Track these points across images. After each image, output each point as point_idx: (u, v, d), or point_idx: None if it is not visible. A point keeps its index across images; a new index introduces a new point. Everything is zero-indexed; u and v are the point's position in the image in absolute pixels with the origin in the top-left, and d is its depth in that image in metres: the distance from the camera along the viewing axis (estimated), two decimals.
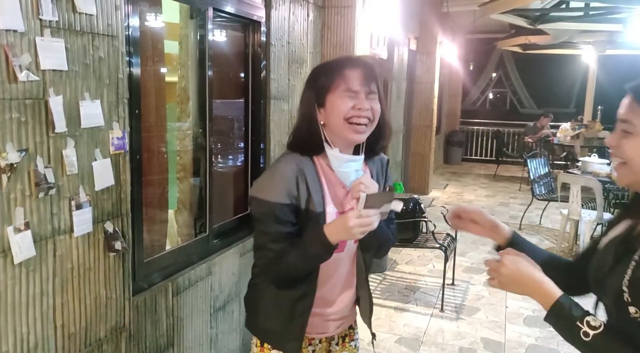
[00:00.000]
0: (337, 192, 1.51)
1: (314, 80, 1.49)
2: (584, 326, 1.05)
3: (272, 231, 1.43)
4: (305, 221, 1.44)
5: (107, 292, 1.91)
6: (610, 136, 1.15)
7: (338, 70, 1.43)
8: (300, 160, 1.47)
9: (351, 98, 1.41)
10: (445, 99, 11.63)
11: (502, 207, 7.71)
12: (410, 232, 4.00)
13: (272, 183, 1.44)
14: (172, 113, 2.70)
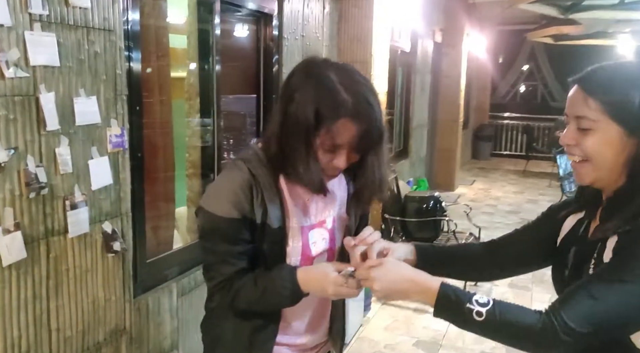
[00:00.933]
0: (303, 202, 1.28)
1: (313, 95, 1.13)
2: (475, 305, 1.00)
3: (220, 250, 1.20)
4: (262, 237, 1.21)
5: (105, 294, 1.86)
6: (565, 134, 1.06)
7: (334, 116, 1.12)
8: (257, 167, 1.22)
9: (331, 152, 1.16)
10: (473, 92, 11.35)
11: (530, 204, 7.46)
12: (430, 231, 3.87)
13: (220, 194, 1.20)
14: (180, 109, 2.64)
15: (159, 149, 2.32)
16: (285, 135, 1.17)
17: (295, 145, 1.15)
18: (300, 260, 1.26)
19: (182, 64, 2.67)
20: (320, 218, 1.30)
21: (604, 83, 1.01)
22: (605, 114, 0.99)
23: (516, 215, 6.79)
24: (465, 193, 8.01)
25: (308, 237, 1.27)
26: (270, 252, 1.23)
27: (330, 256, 1.32)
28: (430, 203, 3.92)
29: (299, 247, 1.26)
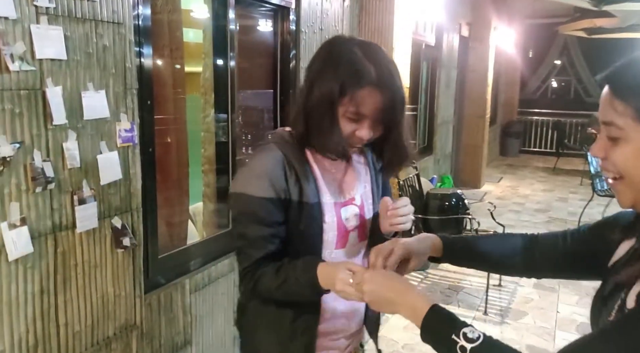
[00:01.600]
0: (332, 180, 1.30)
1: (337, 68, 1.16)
2: (460, 339, 0.90)
3: (250, 233, 1.21)
4: (299, 216, 1.22)
5: (115, 290, 1.85)
6: (594, 144, 0.89)
7: (358, 84, 1.14)
8: (286, 147, 1.24)
9: (355, 122, 1.18)
10: (501, 87, 11.10)
11: (560, 202, 7.25)
12: (452, 229, 3.77)
13: (252, 175, 1.22)
14: (196, 104, 2.62)
15: (172, 144, 2.31)
16: (311, 108, 1.20)
17: (320, 115, 1.18)
18: (337, 236, 1.28)
19: (198, 59, 2.65)
20: (349, 196, 1.33)
21: (634, 82, 0.82)
22: (637, 120, 0.80)
23: (545, 213, 6.61)
24: (491, 191, 7.84)
25: (341, 213, 1.29)
26: (307, 229, 1.23)
27: (362, 233, 1.35)
28: (452, 200, 3.83)
29: (334, 222, 1.28)
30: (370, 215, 1.37)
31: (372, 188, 1.39)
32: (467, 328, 0.92)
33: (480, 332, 0.92)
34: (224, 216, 2.64)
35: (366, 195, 1.37)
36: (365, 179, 1.38)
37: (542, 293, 4.11)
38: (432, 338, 0.96)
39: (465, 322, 0.95)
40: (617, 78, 0.85)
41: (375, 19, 3.72)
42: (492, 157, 10.46)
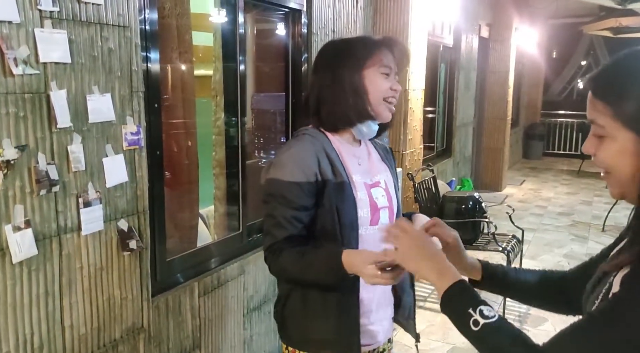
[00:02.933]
0: (359, 164, 1.45)
1: (351, 49, 1.40)
2: (476, 314, 0.93)
3: (277, 214, 1.32)
4: (335, 193, 1.33)
5: (122, 293, 1.85)
6: (586, 141, 0.93)
7: (377, 45, 1.40)
8: (315, 135, 1.40)
9: (387, 77, 1.39)
10: (524, 89, 10.92)
11: (585, 205, 7.08)
12: (469, 233, 3.70)
13: (285, 162, 1.33)
14: (206, 107, 2.63)
15: (181, 147, 2.31)
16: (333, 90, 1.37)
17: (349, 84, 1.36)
18: (370, 212, 1.38)
19: (209, 62, 2.65)
20: (376, 179, 1.45)
21: (613, 82, 0.86)
22: (616, 118, 0.84)
23: (568, 217, 6.45)
24: (513, 194, 7.70)
25: (371, 192, 1.41)
26: (342, 204, 1.33)
27: (391, 214, 1.47)
28: (469, 203, 3.75)
29: (367, 200, 1.38)
30: (395, 200, 1.50)
31: (392, 178, 1.53)
32: (485, 306, 0.94)
33: (498, 313, 0.95)
34: (234, 219, 2.63)
35: (389, 181, 1.50)
36: (384, 169, 1.52)
37: None
38: (450, 308, 0.99)
39: (487, 302, 0.96)
40: (597, 79, 0.89)
41: (390, 21, 3.69)
42: (515, 159, 10.28)
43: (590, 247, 5.28)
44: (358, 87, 1.37)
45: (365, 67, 1.37)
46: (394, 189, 1.51)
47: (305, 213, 1.33)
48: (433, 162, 5.39)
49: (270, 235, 1.34)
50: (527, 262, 4.64)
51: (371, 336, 1.45)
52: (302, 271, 1.31)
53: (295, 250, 1.31)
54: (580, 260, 4.30)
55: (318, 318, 1.39)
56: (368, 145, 1.52)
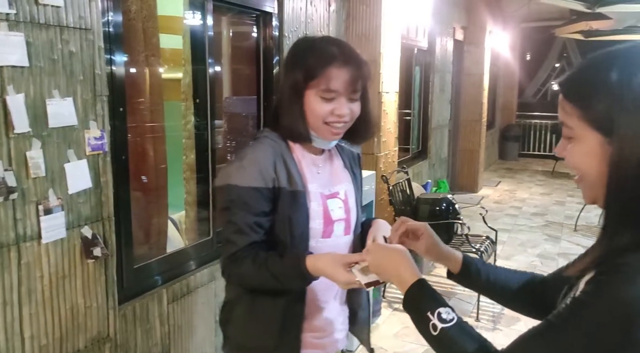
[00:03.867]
0: (318, 173, 1.39)
1: (302, 58, 1.29)
2: (434, 318, 0.93)
3: (238, 220, 1.26)
4: (288, 202, 1.28)
5: (86, 301, 1.81)
6: (558, 144, 0.92)
7: (325, 64, 1.24)
8: (274, 140, 1.34)
9: (330, 101, 1.26)
10: (499, 91, 11.06)
11: (558, 206, 7.19)
12: (443, 234, 3.71)
13: (242, 167, 1.28)
14: (176, 111, 2.59)
15: (148, 152, 2.27)
16: (281, 101, 1.32)
17: (288, 104, 1.29)
18: (322, 224, 1.34)
19: (177, 65, 2.62)
20: (334, 190, 1.39)
21: (580, 84, 0.87)
22: (582, 119, 0.84)
23: (542, 217, 6.55)
24: (489, 195, 7.78)
25: (327, 203, 1.36)
26: (295, 215, 1.29)
27: (347, 227, 1.41)
28: (442, 205, 3.78)
29: (320, 211, 1.34)
30: (354, 212, 1.43)
31: (354, 188, 1.46)
32: (444, 308, 0.93)
33: (457, 315, 0.94)
34: (205, 225, 2.60)
35: (349, 192, 1.43)
36: (346, 178, 1.45)
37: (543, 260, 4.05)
38: (411, 310, 1.00)
39: (446, 303, 0.96)
40: (566, 82, 0.89)
41: (362, 24, 3.70)
42: (491, 161, 10.41)
43: (562, 246, 5.36)
44: (295, 107, 1.28)
45: (308, 87, 1.26)
46: (355, 200, 1.44)
47: (266, 219, 1.29)
48: (409, 164, 5.42)
49: (231, 243, 1.28)
50: (501, 262, 4.69)
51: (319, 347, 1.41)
52: (265, 278, 1.26)
53: (257, 257, 1.26)
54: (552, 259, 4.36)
55: (262, 324, 1.35)
56: (332, 152, 1.45)
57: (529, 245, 5.40)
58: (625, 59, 0.83)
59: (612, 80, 0.81)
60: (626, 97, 0.79)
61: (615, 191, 0.82)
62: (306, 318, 1.36)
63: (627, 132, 0.79)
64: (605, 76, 0.82)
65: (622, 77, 0.81)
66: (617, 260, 0.79)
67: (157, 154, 2.33)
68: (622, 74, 0.81)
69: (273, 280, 1.25)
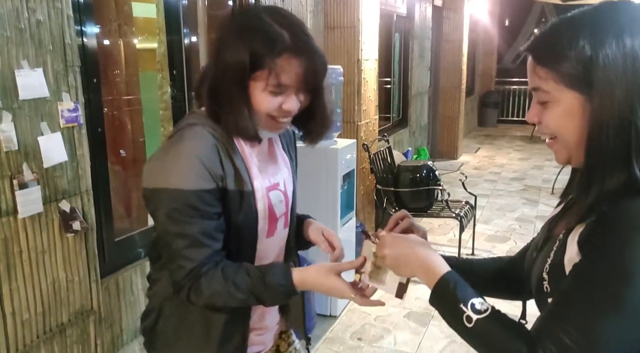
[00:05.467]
0: (258, 162, 1.18)
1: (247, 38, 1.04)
2: (468, 309, 0.87)
3: (191, 231, 1.03)
4: (236, 205, 1.09)
5: (67, 275, 1.80)
6: (529, 111, 0.91)
7: (274, 53, 1.03)
8: (213, 128, 1.10)
9: (279, 95, 1.07)
10: (478, 58, 11.06)
11: (536, 170, 7.31)
12: (424, 201, 3.76)
13: (183, 165, 1.03)
14: (152, 82, 2.54)
15: (125, 123, 2.23)
16: (219, 84, 1.07)
17: (229, 93, 1.06)
18: (267, 224, 1.17)
19: (152, 35, 2.55)
20: (274, 181, 1.21)
21: (551, 46, 0.85)
22: (558, 81, 0.84)
23: (520, 181, 6.66)
24: (469, 162, 7.87)
25: (270, 198, 1.18)
26: (243, 218, 1.11)
27: (286, 220, 1.25)
28: (423, 172, 3.81)
29: (265, 210, 1.16)
30: (291, 203, 1.27)
31: (292, 174, 1.30)
32: (476, 299, 0.89)
33: (490, 305, 0.89)
34: None
35: (288, 181, 1.27)
36: (285, 164, 1.27)
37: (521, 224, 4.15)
38: (440, 303, 0.93)
39: (477, 293, 0.91)
40: (536, 46, 0.88)
41: None
42: (470, 127, 10.48)
43: (540, 209, 5.47)
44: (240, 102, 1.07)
45: (253, 78, 1.05)
46: (292, 189, 1.28)
47: (221, 221, 1.08)
48: (390, 132, 5.43)
49: (185, 259, 1.05)
50: (480, 226, 4.78)
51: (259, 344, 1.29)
52: (244, 299, 1.08)
53: (228, 274, 1.07)
54: (530, 222, 4.46)
55: (195, 339, 1.17)
56: None
57: (507, 209, 5.49)
58: (595, 15, 0.84)
59: (585, 38, 0.81)
60: (601, 52, 0.80)
61: (599, 145, 0.82)
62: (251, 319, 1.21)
63: (606, 85, 0.80)
64: (577, 34, 0.82)
65: (595, 32, 0.81)
66: (611, 212, 0.79)
67: (135, 126, 2.29)
68: (594, 30, 0.81)
69: (253, 300, 1.09)
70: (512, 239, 4.61)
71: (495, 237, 4.67)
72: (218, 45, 1.10)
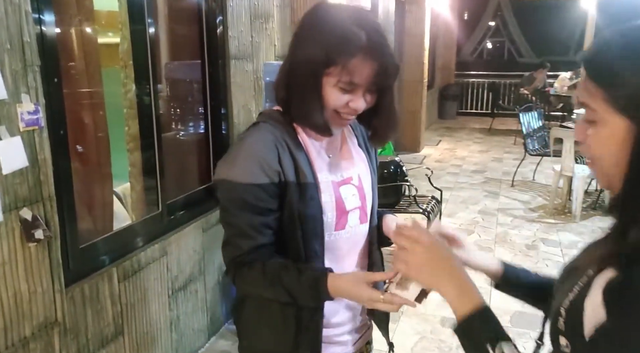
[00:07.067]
0: (325, 158, 1.22)
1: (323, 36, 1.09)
2: (494, 351, 0.81)
3: (240, 223, 1.12)
4: (298, 197, 1.13)
5: (30, 286, 1.71)
6: (576, 127, 0.84)
7: (350, 53, 1.06)
8: (276, 125, 1.17)
9: (348, 92, 1.11)
10: (439, 51, 11.19)
11: (496, 162, 7.48)
12: (391, 196, 3.78)
13: (241, 160, 1.12)
14: (115, 78, 2.43)
15: (88, 124, 2.13)
16: (294, 76, 1.14)
17: (302, 85, 1.12)
18: (335, 216, 1.19)
19: (114, 29, 2.44)
20: (347, 175, 1.24)
21: (607, 62, 0.77)
22: (608, 102, 0.76)
23: (481, 174, 6.80)
24: (431, 154, 7.98)
25: (340, 191, 1.21)
26: (307, 209, 1.14)
27: (363, 215, 1.26)
28: (390, 168, 3.83)
29: (332, 202, 1.19)
30: (370, 197, 1.28)
31: (370, 170, 1.30)
32: (506, 343, 0.83)
33: (522, 350, 0.84)
34: (153, 198, 2.50)
35: (364, 176, 1.28)
36: (361, 160, 1.29)
37: None
38: (467, 338, 0.87)
39: (507, 336, 0.85)
40: (591, 60, 0.80)
41: None
42: (431, 120, 10.62)
43: (501, 201, 5.61)
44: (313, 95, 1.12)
45: (327, 74, 1.09)
46: (371, 184, 1.29)
47: (272, 218, 1.14)
48: None
49: (233, 246, 1.15)
50: (445, 219, 4.86)
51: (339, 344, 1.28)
52: (277, 293, 1.13)
53: (268, 267, 1.12)
54: (492, 215, 4.54)
55: (274, 330, 1.22)
56: (344, 130, 1.28)
57: (470, 202, 5.60)
58: None
59: None
60: None
61: (637, 181, 0.75)
62: (324, 315, 1.21)
63: None
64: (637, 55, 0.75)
65: None
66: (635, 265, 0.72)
67: (98, 126, 2.19)
68: None
69: (285, 296, 1.13)
70: (475, 232, 4.71)
71: (459, 230, 4.74)
72: (297, 39, 1.15)
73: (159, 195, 2.47)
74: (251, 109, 3.16)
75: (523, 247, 4.37)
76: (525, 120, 6.30)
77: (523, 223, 4.94)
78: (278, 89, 1.18)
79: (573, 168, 5.00)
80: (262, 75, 3.19)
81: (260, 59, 3.21)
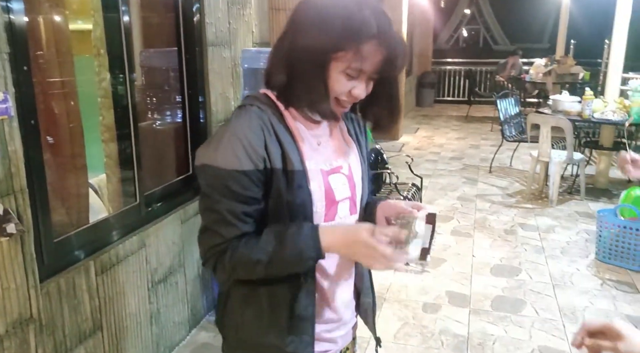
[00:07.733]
0: (314, 145, 1.17)
1: (332, 22, 1.04)
2: None
3: (223, 208, 1.06)
4: (285, 185, 1.08)
5: (2, 283, 1.65)
6: None
7: (360, 40, 1.03)
8: (264, 108, 1.11)
9: (351, 79, 1.08)
10: (416, 39, 11.20)
11: (473, 149, 7.55)
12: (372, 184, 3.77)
13: (224, 145, 1.06)
14: (88, 66, 2.35)
15: (60, 114, 2.05)
16: (297, 59, 1.07)
17: (308, 69, 1.07)
18: (325, 206, 1.15)
19: (87, 15, 2.35)
20: (336, 164, 1.19)
21: None
22: None
23: (459, 161, 6.85)
24: (409, 142, 8.00)
25: (329, 181, 1.16)
26: (295, 198, 1.09)
27: (352, 205, 1.22)
28: (371, 156, 3.81)
29: (322, 191, 1.14)
30: (360, 187, 1.24)
31: (360, 159, 1.26)
32: None
33: None
34: (130, 189, 2.44)
35: (354, 165, 1.24)
36: (352, 150, 1.25)
37: (458, 239, 4.27)
38: None
39: None
40: None
41: None
42: (409, 108, 10.66)
43: (479, 188, 5.66)
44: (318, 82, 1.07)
45: (335, 59, 1.05)
46: (361, 174, 1.25)
47: (255, 207, 1.08)
48: None
49: (213, 233, 1.08)
50: None
51: (329, 341, 1.25)
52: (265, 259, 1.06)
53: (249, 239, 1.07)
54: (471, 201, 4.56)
55: (263, 320, 1.16)
56: None
57: (449, 188, 5.64)
58: None
59: None
60: None
61: None
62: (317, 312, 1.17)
63: None
64: None
65: None
66: None
67: (71, 116, 2.11)
68: None
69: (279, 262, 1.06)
70: (455, 218, 4.75)
71: (438, 217, 4.75)
72: (297, 21, 1.09)
73: (137, 186, 2.41)
74: (229, 97, 3.10)
75: (502, 232, 4.42)
76: (503, 107, 6.35)
77: (501, 208, 5.00)
78: (274, 74, 1.11)
79: (550, 153, 5.07)
80: (240, 62, 3.13)
81: (238, 45, 3.15)
